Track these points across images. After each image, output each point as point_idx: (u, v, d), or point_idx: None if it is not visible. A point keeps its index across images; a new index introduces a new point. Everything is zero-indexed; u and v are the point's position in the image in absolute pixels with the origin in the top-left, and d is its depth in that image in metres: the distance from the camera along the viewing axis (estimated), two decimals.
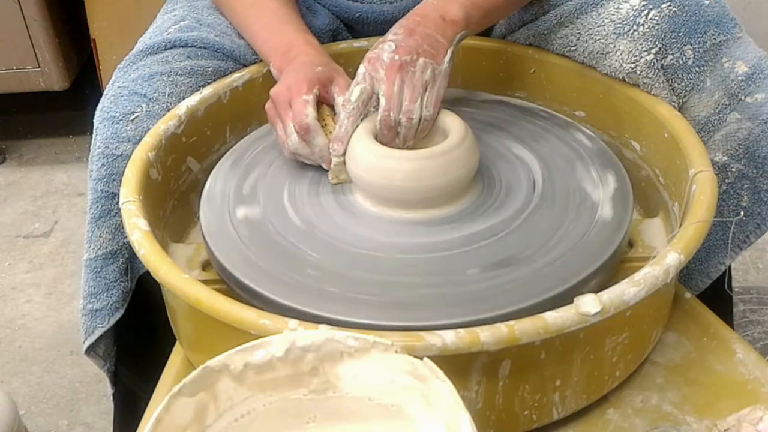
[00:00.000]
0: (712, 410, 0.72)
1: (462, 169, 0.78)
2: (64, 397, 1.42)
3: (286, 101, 0.83)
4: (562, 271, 0.71)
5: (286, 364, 0.56)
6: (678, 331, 0.80)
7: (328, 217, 0.80)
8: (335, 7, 1.08)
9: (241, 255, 0.75)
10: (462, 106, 0.91)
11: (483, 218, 0.78)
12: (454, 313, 0.67)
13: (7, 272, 1.72)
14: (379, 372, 0.56)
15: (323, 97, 0.85)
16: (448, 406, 0.52)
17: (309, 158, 0.84)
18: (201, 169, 0.93)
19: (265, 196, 0.83)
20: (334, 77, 0.86)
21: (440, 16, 0.83)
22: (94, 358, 0.96)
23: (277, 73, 0.89)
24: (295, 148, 0.83)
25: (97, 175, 0.89)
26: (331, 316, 0.67)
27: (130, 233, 0.75)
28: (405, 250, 0.75)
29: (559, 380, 0.68)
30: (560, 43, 0.93)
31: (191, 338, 0.79)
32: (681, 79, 0.86)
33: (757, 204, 0.88)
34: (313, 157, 0.83)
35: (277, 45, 0.92)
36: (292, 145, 0.83)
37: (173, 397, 0.53)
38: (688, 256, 0.68)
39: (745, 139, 0.87)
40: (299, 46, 0.90)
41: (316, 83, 0.84)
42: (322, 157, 0.83)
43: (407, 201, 0.78)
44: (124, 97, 0.91)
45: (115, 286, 0.90)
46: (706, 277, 0.91)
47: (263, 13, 0.96)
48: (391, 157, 0.78)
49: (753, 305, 1.40)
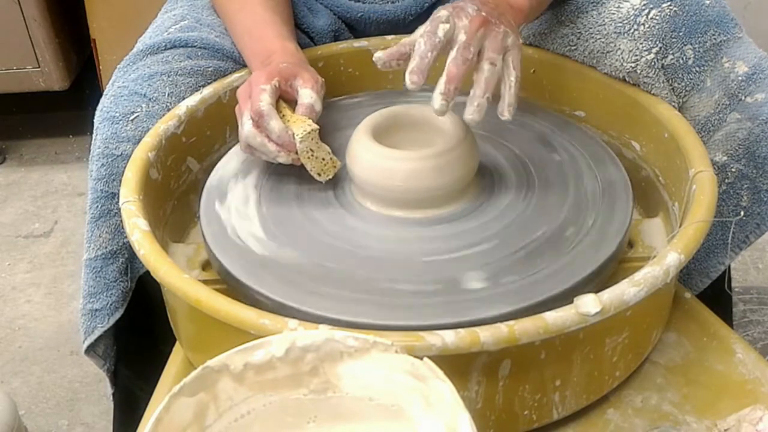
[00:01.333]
0: (712, 410, 0.72)
1: (462, 169, 0.78)
2: (64, 397, 1.42)
3: (246, 95, 0.82)
4: (562, 270, 0.71)
5: (286, 364, 0.56)
6: (678, 331, 0.80)
7: (328, 217, 0.80)
8: (336, 8, 1.08)
9: (241, 255, 0.75)
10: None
11: (483, 218, 0.78)
12: (454, 313, 0.67)
13: (7, 272, 1.72)
14: (379, 372, 0.56)
15: (285, 91, 0.83)
16: (448, 406, 0.52)
17: (261, 149, 0.80)
18: (201, 169, 0.93)
19: (265, 196, 0.83)
20: (298, 72, 0.84)
21: (508, 3, 0.82)
22: (94, 358, 0.96)
23: None
24: (246, 136, 0.80)
25: (97, 175, 0.89)
26: (331, 316, 0.67)
27: (130, 233, 0.75)
28: (405, 250, 0.75)
29: (559, 380, 0.68)
30: (560, 42, 0.93)
31: (191, 338, 0.79)
32: (681, 79, 0.86)
33: (756, 204, 0.88)
34: (266, 149, 0.80)
35: (256, 52, 0.92)
36: (245, 133, 0.80)
37: (173, 397, 0.53)
38: (688, 256, 0.68)
39: (745, 139, 0.87)
40: (277, 53, 0.89)
41: (277, 75, 0.83)
42: (281, 141, 0.79)
43: (407, 201, 0.78)
44: (124, 97, 0.91)
45: (115, 286, 0.90)
46: (705, 277, 0.91)
47: (248, 18, 0.96)
48: (391, 157, 0.78)
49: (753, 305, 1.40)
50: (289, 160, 0.80)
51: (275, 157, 0.80)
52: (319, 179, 0.82)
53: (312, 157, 0.80)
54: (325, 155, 0.81)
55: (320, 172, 0.81)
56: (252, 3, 0.96)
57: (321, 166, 0.81)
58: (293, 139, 0.79)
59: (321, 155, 0.81)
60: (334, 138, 0.90)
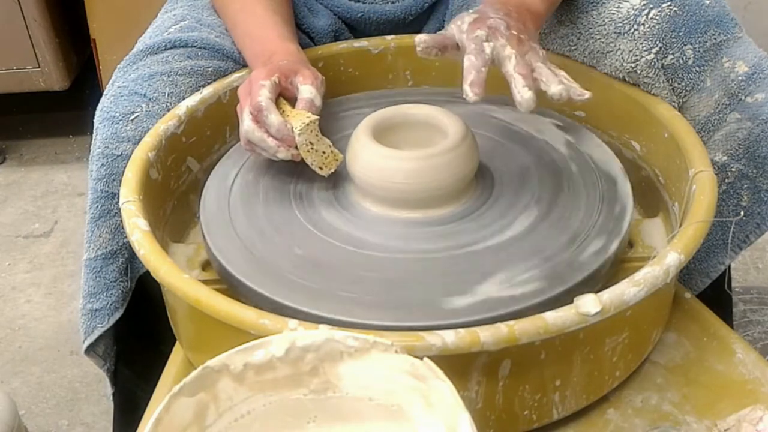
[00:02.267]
0: (712, 410, 0.72)
1: (462, 169, 0.78)
2: (64, 397, 1.42)
3: (246, 92, 0.82)
4: (562, 270, 0.71)
5: (286, 364, 0.56)
6: (678, 331, 0.80)
7: (328, 217, 0.80)
8: (337, 8, 1.08)
9: (241, 255, 0.75)
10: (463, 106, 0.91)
11: (483, 218, 0.78)
12: (455, 313, 0.67)
13: (7, 272, 1.72)
14: (379, 372, 0.56)
15: (285, 88, 0.83)
16: (448, 406, 0.52)
17: (261, 144, 0.80)
18: (201, 169, 0.93)
19: (265, 196, 0.83)
20: (298, 69, 0.84)
21: (527, 8, 0.82)
22: (94, 358, 0.96)
23: None
24: (246, 131, 0.80)
25: (97, 175, 0.89)
26: (331, 316, 0.67)
27: (130, 233, 0.75)
28: (405, 250, 0.75)
29: (559, 380, 0.68)
30: (560, 42, 0.93)
31: (191, 338, 0.79)
32: (681, 79, 0.86)
33: (756, 204, 0.88)
34: (266, 144, 0.79)
35: (257, 53, 0.92)
36: (245, 128, 0.80)
37: (173, 397, 0.53)
38: (688, 256, 0.68)
39: (745, 139, 0.87)
40: (278, 54, 0.89)
41: (277, 72, 0.83)
42: (280, 135, 0.79)
43: (407, 201, 0.78)
44: (124, 97, 0.91)
45: (115, 286, 0.90)
46: (705, 277, 0.91)
47: (249, 20, 0.96)
48: (391, 157, 0.78)
49: (753, 305, 1.40)
50: (289, 156, 0.80)
51: (275, 152, 0.80)
52: (321, 173, 0.81)
53: (312, 150, 0.79)
54: (325, 148, 0.80)
55: (321, 165, 0.80)
56: (252, 4, 0.96)
57: (322, 159, 0.80)
58: (292, 132, 0.78)
59: (321, 148, 0.80)
60: (333, 138, 0.90)
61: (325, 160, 0.80)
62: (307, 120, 0.78)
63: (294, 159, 0.80)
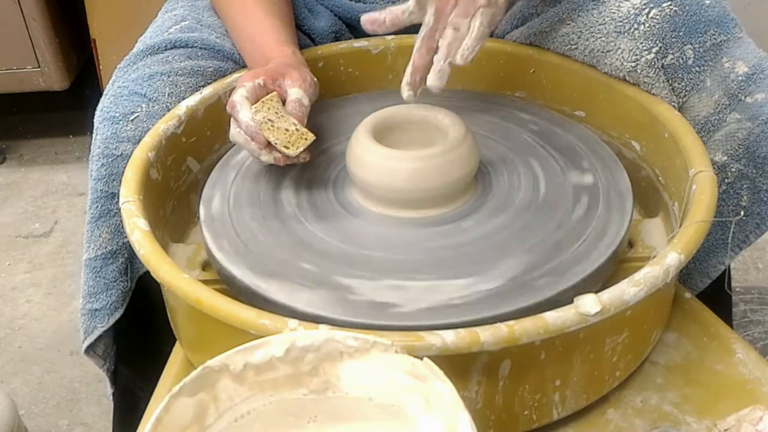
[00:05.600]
0: (712, 410, 0.72)
1: (462, 169, 0.78)
2: (64, 397, 1.42)
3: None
4: (562, 270, 0.71)
5: (286, 364, 0.56)
6: (678, 331, 0.80)
7: (328, 217, 0.80)
8: (337, 8, 1.08)
9: (241, 255, 0.75)
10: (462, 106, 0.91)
11: (483, 218, 0.78)
12: (455, 313, 0.67)
13: (7, 272, 1.72)
14: (379, 372, 0.56)
15: (273, 90, 0.83)
16: (448, 406, 0.52)
17: (246, 147, 0.80)
18: (201, 169, 0.93)
19: (265, 196, 0.83)
20: (286, 71, 0.84)
21: None
22: (94, 358, 0.96)
23: None
24: (231, 135, 0.81)
25: (97, 175, 0.89)
26: (331, 316, 0.67)
27: (130, 233, 0.75)
28: (405, 250, 0.75)
29: (559, 380, 0.68)
30: (561, 41, 0.93)
31: (191, 338, 0.79)
32: (681, 79, 0.86)
33: (756, 204, 0.88)
34: (249, 147, 0.79)
35: (257, 58, 0.92)
36: (230, 132, 0.81)
37: (173, 397, 0.53)
38: (688, 256, 0.68)
39: (745, 139, 0.87)
40: (275, 60, 0.89)
41: (263, 74, 0.83)
42: (248, 132, 0.78)
43: (407, 201, 0.78)
44: (124, 97, 0.91)
45: (115, 286, 0.90)
46: (705, 277, 0.91)
47: (249, 24, 0.96)
48: (391, 158, 0.78)
49: (753, 305, 1.40)
50: (272, 159, 0.79)
51: (258, 155, 0.79)
52: (288, 152, 0.77)
53: (273, 127, 0.77)
54: (289, 125, 0.77)
55: (287, 144, 0.77)
56: (252, 6, 0.96)
57: (286, 137, 0.77)
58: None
59: (284, 125, 0.77)
60: (333, 139, 0.90)
61: (290, 138, 0.77)
62: (264, 99, 0.78)
63: (277, 163, 0.79)
